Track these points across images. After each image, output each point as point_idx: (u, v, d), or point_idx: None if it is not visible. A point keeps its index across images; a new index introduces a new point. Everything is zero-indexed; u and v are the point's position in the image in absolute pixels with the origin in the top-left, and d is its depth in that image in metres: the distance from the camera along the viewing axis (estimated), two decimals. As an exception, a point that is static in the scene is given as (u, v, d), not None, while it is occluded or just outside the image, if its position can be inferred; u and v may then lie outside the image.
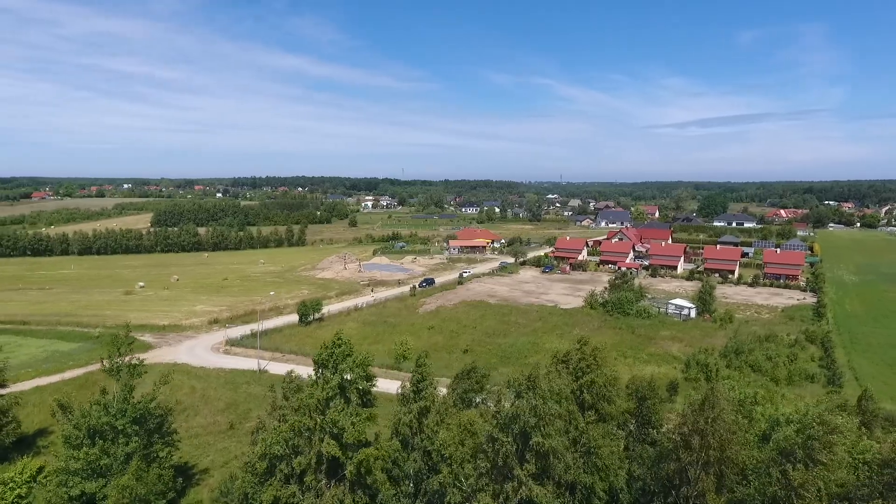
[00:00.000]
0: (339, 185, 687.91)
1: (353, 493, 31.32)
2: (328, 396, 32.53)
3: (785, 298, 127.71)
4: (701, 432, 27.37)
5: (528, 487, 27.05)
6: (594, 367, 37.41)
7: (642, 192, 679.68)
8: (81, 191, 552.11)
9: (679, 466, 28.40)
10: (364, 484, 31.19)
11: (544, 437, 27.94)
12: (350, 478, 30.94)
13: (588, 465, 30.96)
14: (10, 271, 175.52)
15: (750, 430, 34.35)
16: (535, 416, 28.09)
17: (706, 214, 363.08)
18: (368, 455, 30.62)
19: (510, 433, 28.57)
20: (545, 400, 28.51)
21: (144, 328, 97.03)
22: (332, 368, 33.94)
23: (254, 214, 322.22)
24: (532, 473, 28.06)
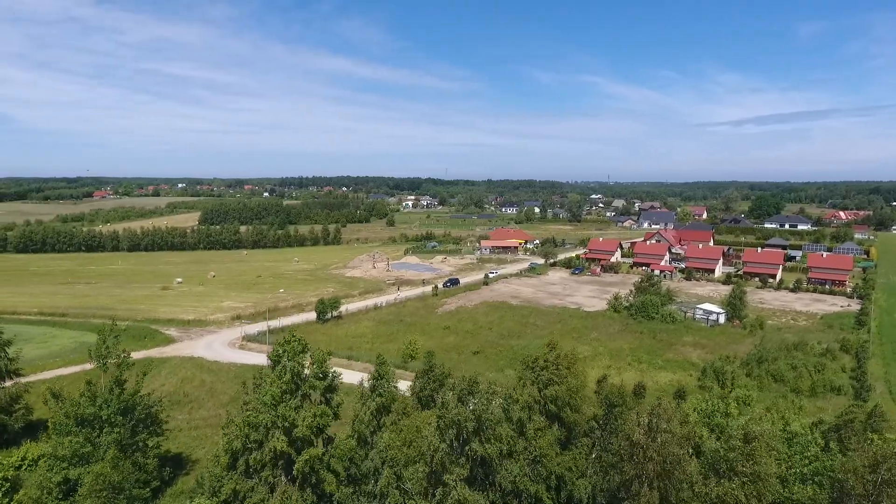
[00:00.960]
0: (383, 184, 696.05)
1: (302, 490, 31.52)
2: (282, 391, 32.85)
3: (827, 305, 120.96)
4: (643, 446, 26.07)
5: (458, 493, 26.47)
6: (565, 373, 36.21)
7: (693, 193, 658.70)
8: (139, 190, 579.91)
9: (623, 479, 27.17)
10: (313, 482, 31.34)
11: (482, 442, 27.27)
12: (297, 475, 31.17)
13: (534, 473, 30.02)
14: (64, 266, 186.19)
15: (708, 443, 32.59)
16: (475, 421, 27.48)
17: (757, 216, 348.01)
18: (313, 454, 30.73)
19: (447, 437, 28.03)
20: (487, 405, 27.85)
21: (171, 322, 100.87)
22: (283, 366, 34.29)
23: (295, 213, 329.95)
24: (468, 479, 27.44)
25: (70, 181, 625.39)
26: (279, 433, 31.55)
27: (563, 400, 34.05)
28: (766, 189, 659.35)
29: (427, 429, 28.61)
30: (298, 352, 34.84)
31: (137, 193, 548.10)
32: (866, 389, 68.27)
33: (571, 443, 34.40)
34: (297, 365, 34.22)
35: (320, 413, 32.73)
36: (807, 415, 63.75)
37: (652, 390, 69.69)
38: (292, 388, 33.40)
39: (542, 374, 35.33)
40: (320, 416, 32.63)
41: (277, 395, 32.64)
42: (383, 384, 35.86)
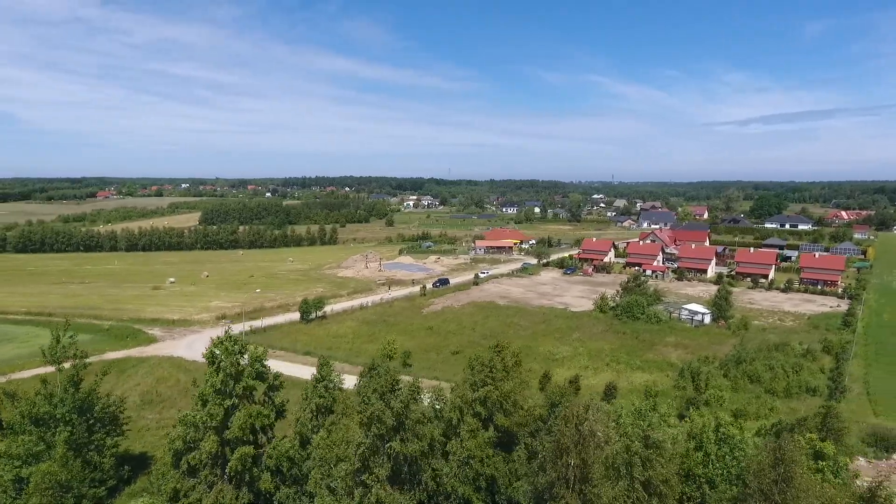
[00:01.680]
0: (386, 184, 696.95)
1: (238, 489, 31.72)
2: (214, 391, 33.04)
3: (817, 305, 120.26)
4: (565, 448, 25.99)
5: (376, 493, 26.55)
6: (500, 375, 36.13)
7: (696, 193, 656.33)
8: (143, 190, 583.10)
9: (547, 482, 27.12)
10: (247, 481, 31.51)
11: (404, 441, 27.34)
12: (230, 473, 31.37)
13: (463, 474, 30.00)
14: (61, 266, 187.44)
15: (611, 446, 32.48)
16: (394, 419, 27.56)
17: (758, 216, 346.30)
18: (245, 453, 30.91)
19: (368, 435, 28.13)
20: (407, 405, 27.90)
21: (156, 322, 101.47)
22: (216, 366, 34.51)
23: (295, 214, 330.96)
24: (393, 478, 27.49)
25: (74, 181, 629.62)
26: (211, 433, 31.77)
27: (494, 402, 34.02)
28: (770, 189, 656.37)
29: (352, 427, 28.78)
30: (235, 352, 35.04)
31: (140, 194, 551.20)
32: (841, 390, 67.86)
33: (516, 444, 34.35)
34: (231, 365, 34.38)
35: (255, 413, 32.92)
36: (778, 415, 63.63)
37: (626, 391, 69.57)
38: (226, 388, 33.60)
39: (479, 376, 35.29)
40: (255, 415, 32.82)
41: (209, 395, 32.90)
42: (323, 386, 35.87)
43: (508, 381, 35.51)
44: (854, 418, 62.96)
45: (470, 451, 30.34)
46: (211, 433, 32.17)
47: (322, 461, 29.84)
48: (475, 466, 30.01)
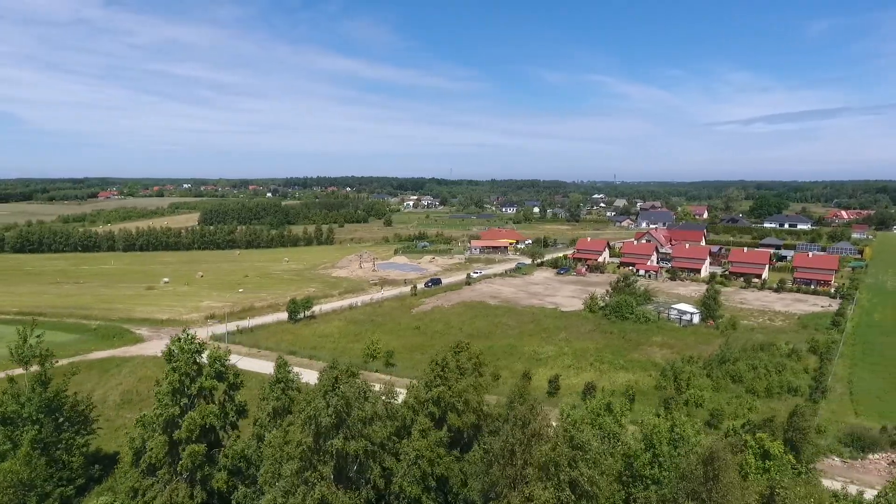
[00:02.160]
0: (387, 184, 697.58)
1: (191, 488, 31.90)
2: (172, 390, 33.22)
3: (808, 305, 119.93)
4: (510, 449, 26.04)
5: (319, 490, 26.62)
6: (452, 375, 36.13)
7: (698, 192, 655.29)
8: (144, 191, 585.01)
9: (490, 481, 27.16)
10: (199, 479, 31.67)
11: (347, 439, 27.43)
12: (180, 472, 31.55)
13: (411, 475, 30.00)
14: (58, 266, 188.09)
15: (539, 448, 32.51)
16: (334, 417, 27.66)
17: (758, 215, 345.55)
18: (195, 451, 31.06)
19: (309, 434, 28.25)
20: (349, 402, 27.99)
21: (145, 322, 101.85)
22: (173, 365, 34.74)
23: (294, 214, 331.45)
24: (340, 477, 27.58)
25: (76, 182, 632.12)
26: (160, 432, 32.02)
27: (447, 402, 34.09)
28: (772, 188, 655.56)
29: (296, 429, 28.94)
30: (192, 351, 35.26)
31: (142, 194, 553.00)
32: (822, 390, 67.68)
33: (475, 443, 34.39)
34: (187, 364, 34.57)
35: (209, 412, 33.09)
36: (758, 415, 63.54)
37: (606, 391, 69.50)
38: (183, 387, 33.80)
39: (432, 375, 35.35)
40: (209, 415, 33.00)
41: (165, 394, 33.12)
42: (280, 387, 35.93)
43: (462, 381, 35.52)
44: (834, 418, 63.00)
45: (419, 450, 30.38)
46: (160, 432, 32.39)
47: (273, 460, 30.00)
48: (423, 466, 30.04)
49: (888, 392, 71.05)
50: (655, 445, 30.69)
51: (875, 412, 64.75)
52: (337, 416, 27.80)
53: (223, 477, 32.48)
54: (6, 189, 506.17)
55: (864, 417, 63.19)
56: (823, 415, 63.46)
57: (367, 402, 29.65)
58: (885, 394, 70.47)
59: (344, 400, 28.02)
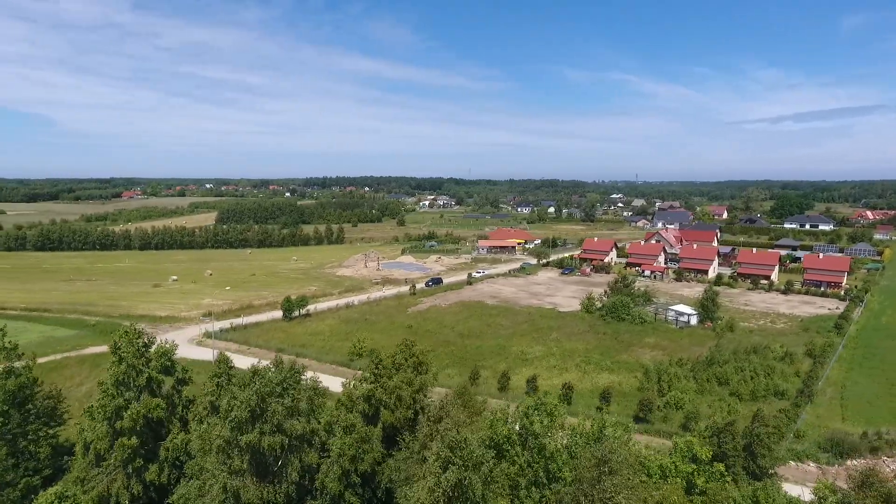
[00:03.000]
0: (405, 184, 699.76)
1: (129, 479, 32.56)
2: (116, 382, 33.97)
3: (815, 307, 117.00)
4: (423, 444, 25.99)
5: (231, 483, 26.93)
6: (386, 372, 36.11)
7: (721, 192, 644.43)
8: (168, 190, 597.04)
9: (404, 478, 27.11)
10: (131, 471, 32.32)
11: (262, 433, 27.70)
12: (115, 464, 32.22)
13: (332, 471, 30.07)
14: (75, 263, 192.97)
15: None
16: (248, 412, 27.97)
17: (779, 216, 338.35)
18: (125, 444, 31.68)
19: (226, 428, 28.64)
20: (263, 398, 28.24)
21: (143, 318, 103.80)
22: (118, 357, 35.48)
23: (309, 213, 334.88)
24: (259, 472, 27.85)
25: (103, 182, 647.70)
26: (101, 424, 32.75)
27: (378, 399, 34.14)
28: (799, 188, 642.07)
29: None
30: (140, 345, 35.99)
31: (165, 194, 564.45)
32: (808, 395, 66.02)
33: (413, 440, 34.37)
34: (133, 357, 35.27)
35: (154, 405, 33.74)
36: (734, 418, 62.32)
37: (586, 392, 68.91)
38: (129, 380, 34.52)
39: (366, 373, 35.46)
40: (155, 407, 33.64)
41: (110, 386, 33.89)
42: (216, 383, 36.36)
43: (395, 377, 35.55)
44: (818, 423, 61.46)
45: (340, 447, 30.47)
46: (103, 423, 33.16)
47: (200, 453, 30.49)
48: (343, 463, 30.10)
49: (881, 397, 69.03)
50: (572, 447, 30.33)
51: (863, 417, 62.98)
52: (251, 410, 28.18)
53: (156, 469, 33.12)
54: (34, 189, 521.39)
55: (851, 422, 61.51)
56: (807, 419, 61.99)
57: (287, 397, 29.98)
58: (877, 399, 68.47)
59: (258, 396, 28.38)
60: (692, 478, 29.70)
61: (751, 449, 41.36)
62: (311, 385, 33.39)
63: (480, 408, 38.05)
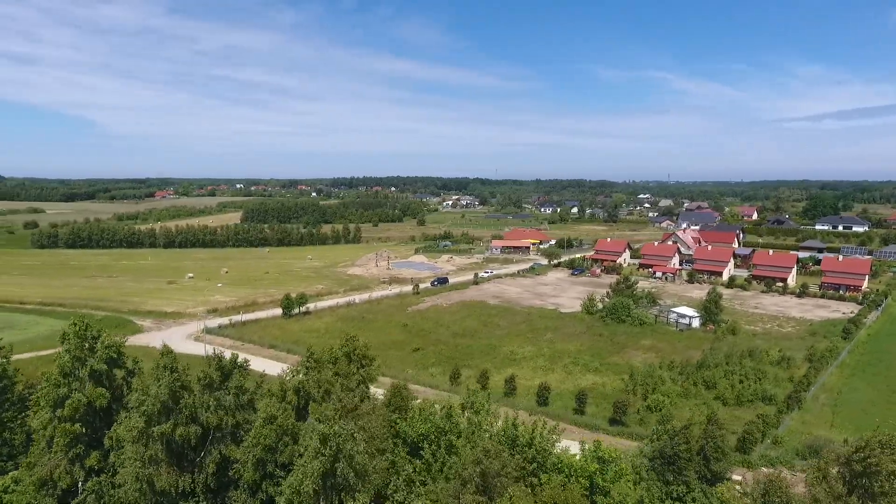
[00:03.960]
0: (431, 184, 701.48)
1: (71, 465, 33.77)
2: (61, 372, 35.28)
3: (829, 311, 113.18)
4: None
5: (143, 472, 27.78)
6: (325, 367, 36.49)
7: (755, 192, 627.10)
8: (199, 190, 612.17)
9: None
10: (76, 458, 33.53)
11: (177, 425, 28.42)
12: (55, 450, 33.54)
13: (250, 461, 30.59)
14: (101, 261, 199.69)
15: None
16: (159, 404, 28.74)
17: (812, 216, 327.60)
18: (67, 430, 32.77)
19: (140, 420, 29.51)
20: (175, 391, 28.94)
21: (150, 314, 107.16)
22: (66, 348, 36.86)
23: (331, 213, 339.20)
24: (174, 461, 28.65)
25: (139, 182, 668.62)
26: (44, 410, 34.16)
27: (307, 391, 34.58)
28: (838, 188, 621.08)
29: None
30: (88, 337, 37.26)
31: (196, 193, 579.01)
32: (797, 400, 64.00)
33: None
34: (77, 348, 36.55)
35: (98, 394, 34.94)
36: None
37: (567, 393, 68.18)
38: (74, 370, 35.83)
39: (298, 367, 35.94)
40: (98, 397, 34.84)
41: (55, 374, 35.26)
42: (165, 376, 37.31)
43: (324, 371, 35.96)
44: (802, 429, 59.63)
45: (256, 436, 30.93)
46: (45, 411, 34.58)
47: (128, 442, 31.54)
48: (258, 454, 30.62)
49: (876, 404, 66.46)
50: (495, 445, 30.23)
51: (853, 424, 60.72)
52: (163, 402, 29.05)
53: (96, 456, 34.32)
54: (72, 189, 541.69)
55: (839, 429, 59.41)
56: (791, 425, 60.19)
57: (208, 391, 30.73)
58: (871, 406, 65.97)
59: (169, 389, 29.19)
60: (594, 477, 29.30)
61: (704, 453, 40.42)
62: (237, 382, 34.14)
63: (407, 403, 38.15)
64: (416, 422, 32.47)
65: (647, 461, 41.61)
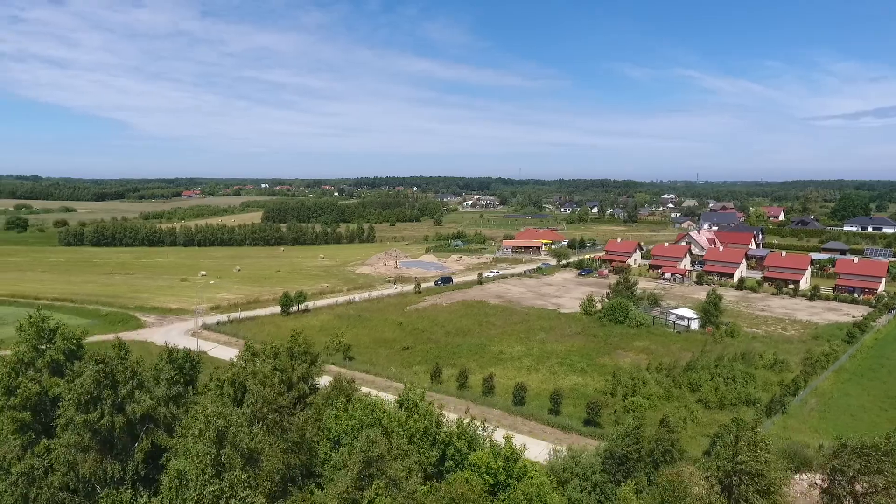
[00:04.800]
0: (453, 184, 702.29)
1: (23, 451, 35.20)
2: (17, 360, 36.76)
3: (839, 315, 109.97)
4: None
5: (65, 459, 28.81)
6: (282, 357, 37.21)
7: (786, 192, 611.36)
8: (226, 190, 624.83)
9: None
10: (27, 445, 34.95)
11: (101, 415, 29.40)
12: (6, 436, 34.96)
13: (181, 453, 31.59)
14: (122, 258, 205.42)
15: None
16: (86, 394, 29.79)
17: (840, 217, 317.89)
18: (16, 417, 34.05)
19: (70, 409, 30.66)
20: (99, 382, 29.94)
21: (155, 310, 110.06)
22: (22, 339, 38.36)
23: (349, 212, 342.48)
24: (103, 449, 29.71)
25: (168, 181, 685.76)
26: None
27: (241, 384, 35.30)
28: (875, 188, 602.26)
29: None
30: (45, 329, 38.72)
31: (222, 193, 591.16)
32: (781, 404, 62.46)
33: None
34: (33, 338, 38.00)
35: (52, 384, 36.32)
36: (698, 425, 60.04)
37: (546, 393, 67.58)
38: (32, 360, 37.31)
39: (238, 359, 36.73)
40: (52, 386, 36.22)
41: (11, 364, 36.71)
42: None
43: (259, 363, 36.68)
44: (783, 434, 58.15)
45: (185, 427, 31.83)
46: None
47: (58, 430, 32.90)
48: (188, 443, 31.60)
49: (867, 410, 64.48)
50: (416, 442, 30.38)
51: (836, 430, 58.89)
52: (88, 392, 30.15)
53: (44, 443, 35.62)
54: (104, 188, 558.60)
55: (822, 435, 57.78)
56: (771, 429, 58.72)
57: (133, 380, 31.88)
58: (862, 411, 64.03)
59: (92, 381, 30.28)
60: (498, 475, 29.20)
61: (653, 456, 39.89)
62: (167, 375, 35.21)
63: (348, 395, 38.59)
64: (342, 417, 32.96)
65: (600, 462, 41.32)
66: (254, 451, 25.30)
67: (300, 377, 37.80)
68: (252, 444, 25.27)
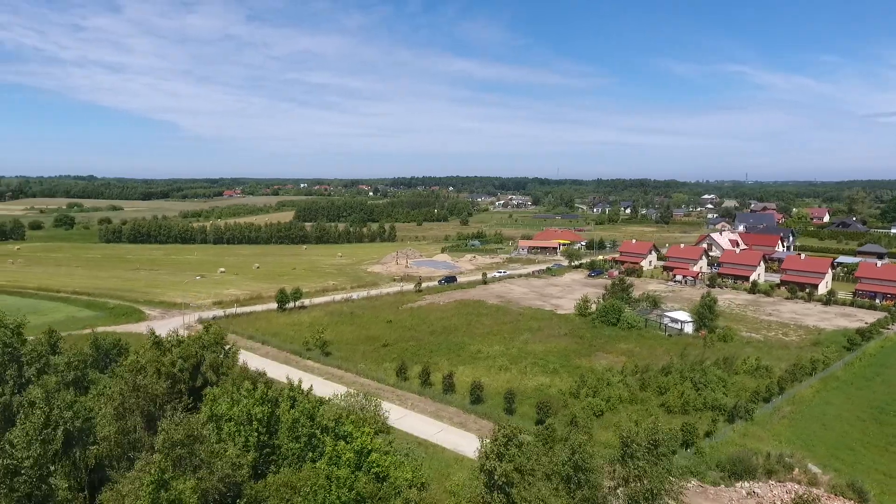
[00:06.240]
0: (489, 184, 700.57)
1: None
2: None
3: (852, 321, 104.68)
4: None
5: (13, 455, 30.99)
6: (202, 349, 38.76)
7: (839, 193, 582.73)
8: (266, 190, 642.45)
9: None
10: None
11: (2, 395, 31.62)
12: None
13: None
14: (153, 255, 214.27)
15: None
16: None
17: (891, 219, 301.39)
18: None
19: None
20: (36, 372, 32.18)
21: (163, 304, 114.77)
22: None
23: (378, 212, 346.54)
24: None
25: (212, 181, 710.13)
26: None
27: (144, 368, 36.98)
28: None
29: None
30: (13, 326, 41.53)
31: (262, 192, 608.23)
32: (747, 410, 60.28)
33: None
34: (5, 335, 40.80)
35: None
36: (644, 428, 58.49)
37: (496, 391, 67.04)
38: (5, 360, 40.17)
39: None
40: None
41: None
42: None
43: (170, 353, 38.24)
44: (740, 441, 56.32)
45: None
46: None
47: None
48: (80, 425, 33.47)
49: (843, 420, 61.55)
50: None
51: (802, 439, 56.80)
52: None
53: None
54: (151, 188, 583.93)
55: (782, 442, 55.72)
56: (729, 436, 56.96)
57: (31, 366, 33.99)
58: (836, 421, 61.16)
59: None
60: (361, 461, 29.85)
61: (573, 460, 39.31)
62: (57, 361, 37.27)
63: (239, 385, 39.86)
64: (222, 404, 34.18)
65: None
66: (89, 431, 26.80)
67: (210, 366, 39.31)
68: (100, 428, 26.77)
